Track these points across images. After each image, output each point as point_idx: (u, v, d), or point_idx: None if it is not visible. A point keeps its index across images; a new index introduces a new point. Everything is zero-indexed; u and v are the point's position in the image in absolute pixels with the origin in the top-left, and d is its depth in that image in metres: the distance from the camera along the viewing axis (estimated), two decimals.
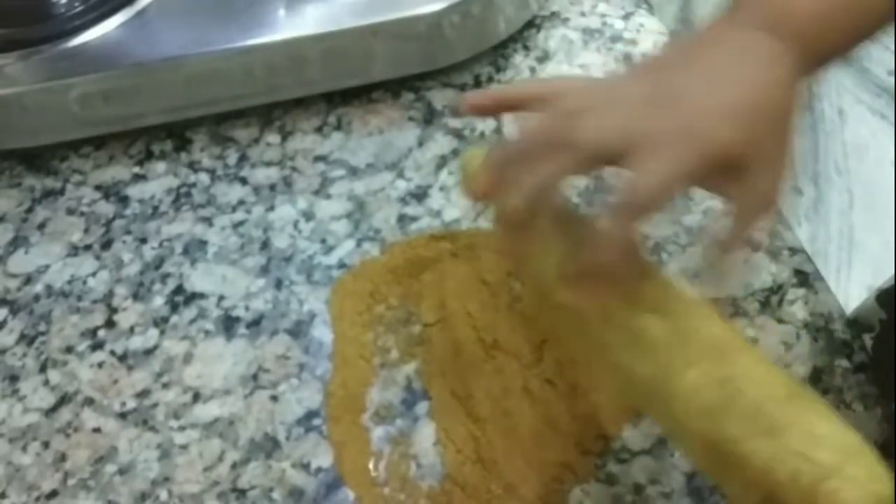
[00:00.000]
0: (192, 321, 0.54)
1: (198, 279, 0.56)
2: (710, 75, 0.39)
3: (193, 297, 0.55)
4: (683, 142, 0.36)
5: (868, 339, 0.51)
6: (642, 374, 0.38)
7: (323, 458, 0.48)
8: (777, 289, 0.54)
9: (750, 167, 0.37)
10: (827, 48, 0.41)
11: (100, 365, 0.52)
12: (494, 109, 0.45)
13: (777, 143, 0.39)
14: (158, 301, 0.55)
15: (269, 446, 0.49)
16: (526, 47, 0.67)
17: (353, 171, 0.61)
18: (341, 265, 0.56)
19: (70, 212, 0.60)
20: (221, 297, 0.55)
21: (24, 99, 0.59)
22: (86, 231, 0.59)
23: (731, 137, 0.37)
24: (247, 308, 0.54)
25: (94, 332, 0.54)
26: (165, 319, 0.54)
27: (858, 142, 1.61)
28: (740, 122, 0.37)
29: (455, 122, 0.63)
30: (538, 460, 0.47)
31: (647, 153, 0.36)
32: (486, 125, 0.63)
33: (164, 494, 0.47)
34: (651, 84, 0.39)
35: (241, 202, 0.60)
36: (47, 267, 0.57)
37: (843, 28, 0.41)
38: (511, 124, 0.62)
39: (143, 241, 0.58)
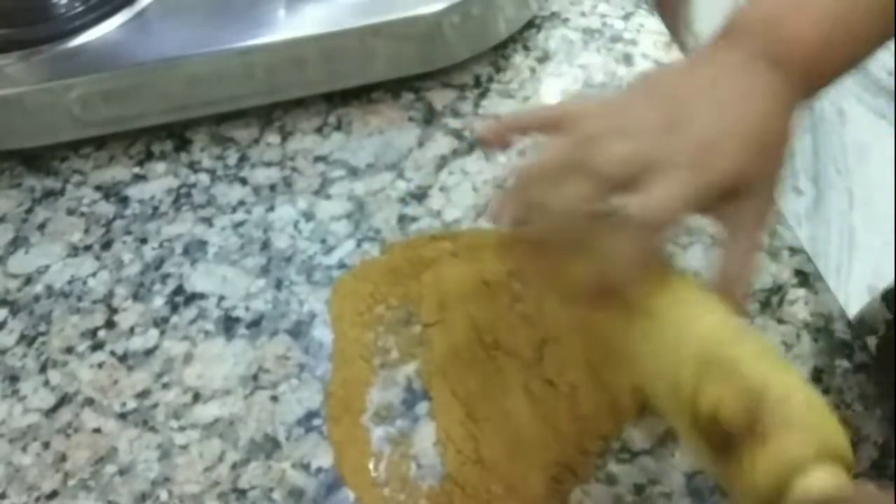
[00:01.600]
0: (193, 321, 0.54)
1: (198, 279, 0.56)
2: (715, 103, 0.41)
3: (193, 297, 0.55)
4: (694, 169, 0.39)
5: (872, 340, 0.51)
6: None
7: (323, 458, 0.48)
8: (777, 289, 0.54)
9: (747, 193, 0.40)
10: (825, 75, 0.42)
11: (100, 365, 0.52)
12: (510, 136, 0.46)
13: (772, 169, 0.41)
14: (158, 301, 0.55)
15: (269, 447, 0.49)
16: (526, 47, 0.67)
17: (353, 172, 0.61)
18: (341, 265, 0.56)
19: (70, 212, 0.60)
20: (221, 298, 0.55)
21: (24, 99, 0.59)
22: (86, 231, 0.59)
23: (736, 167, 0.39)
24: (247, 308, 0.54)
25: (94, 332, 0.54)
26: (165, 320, 0.54)
27: (858, 142, 1.61)
28: (743, 152, 0.39)
29: (455, 123, 0.63)
30: (538, 460, 0.47)
31: (659, 177, 0.38)
32: (486, 125, 0.63)
33: (164, 495, 0.47)
34: (661, 108, 0.41)
35: (241, 202, 0.60)
36: (47, 267, 0.57)
37: (842, 55, 0.42)
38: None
39: (144, 241, 0.58)
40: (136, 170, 0.62)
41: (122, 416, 0.50)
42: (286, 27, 0.60)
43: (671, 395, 0.38)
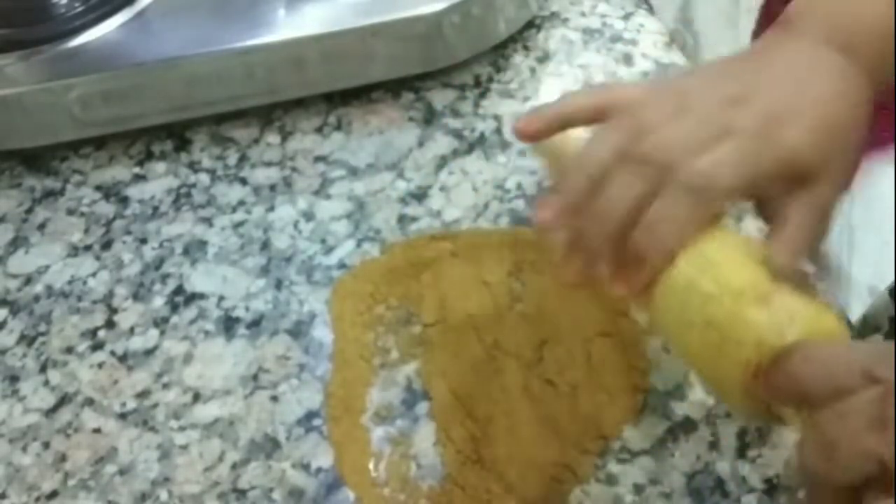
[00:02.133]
0: (193, 321, 0.54)
1: (198, 279, 0.56)
2: (784, 83, 0.38)
3: (193, 297, 0.55)
4: (759, 141, 0.36)
5: (878, 338, 0.51)
6: None
7: (323, 458, 0.48)
8: None
9: (814, 180, 0.37)
10: (889, 67, 0.39)
11: (100, 365, 0.52)
12: (548, 131, 0.42)
13: (843, 158, 0.38)
14: (158, 301, 0.55)
15: (269, 447, 0.49)
16: (526, 47, 0.67)
17: (353, 172, 0.61)
18: (341, 265, 0.56)
19: (70, 212, 0.60)
20: (221, 298, 0.55)
21: (24, 99, 0.59)
22: (86, 231, 0.59)
23: (806, 146, 0.36)
24: (247, 308, 0.54)
25: (94, 332, 0.54)
26: (165, 320, 0.54)
27: None
28: (816, 133, 0.36)
29: (455, 123, 0.63)
30: (538, 460, 0.47)
31: (721, 145, 0.35)
32: (486, 125, 0.63)
33: (164, 495, 0.47)
34: (723, 86, 0.38)
35: (241, 202, 0.60)
36: (47, 267, 0.57)
37: None
38: (511, 124, 0.62)
39: (144, 241, 0.58)
40: (136, 170, 0.62)
41: (122, 416, 0.50)
42: (286, 27, 0.60)
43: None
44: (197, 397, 0.51)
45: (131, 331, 0.54)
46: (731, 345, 0.32)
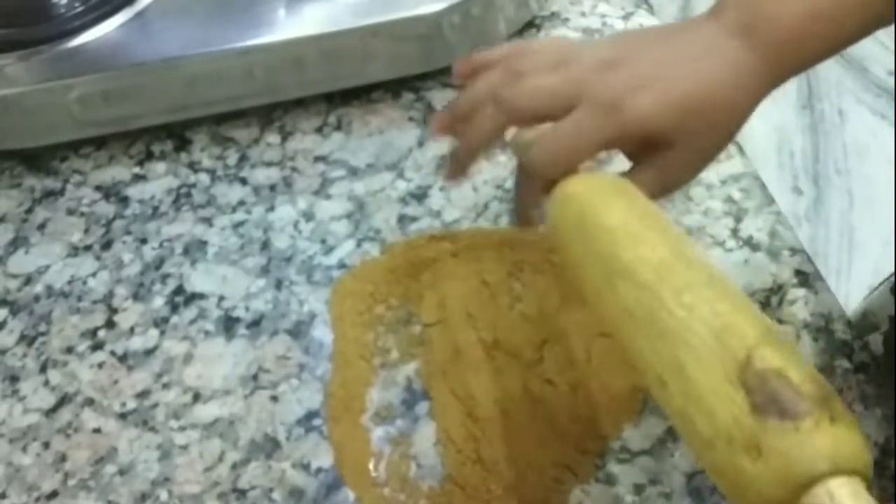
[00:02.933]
0: (193, 321, 0.54)
1: (198, 279, 0.56)
2: (667, 58, 0.41)
3: (193, 297, 0.55)
4: (606, 110, 0.39)
5: (876, 337, 0.51)
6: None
7: (323, 458, 0.48)
8: (777, 289, 0.54)
9: (665, 148, 0.40)
10: (800, 61, 0.42)
11: (100, 365, 0.52)
12: (474, 72, 0.46)
13: (704, 137, 0.41)
14: (158, 301, 0.55)
15: (269, 447, 0.49)
16: None
17: (353, 172, 0.61)
18: (341, 265, 0.56)
19: (70, 212, 0.60)
20: (221, 298, 0.55)
21: (24, 99, 0.59)
22: (86, 231, 0.59)
23: (654, 115, 0.39)
24: (247, 308, 0.54)
25: (94, 332, 0.54)
26: (165, 320, 0.54)
27: (858, 142, 1.61)
28: (672, 106, 0.39)
29: None
30: (538, 460, 0.47)
31: (572, 114, 0.40)
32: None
33: (164, 495, 0.47)
34: (611, 50, 0.42)
35: (241, 202, 0.60)
36: (47, 267, 0.57)
37: (820, 42, 0.41)
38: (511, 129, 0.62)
39: (144, 241, 0.58)
40: (136, 170, 0.62)
41: (122, 416, 0.50)
42: (286, 27, 0.60)
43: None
44: (197, 397, 0.51)
45: (131, 331, 0.54)
46: (738, 495, 0.32)
